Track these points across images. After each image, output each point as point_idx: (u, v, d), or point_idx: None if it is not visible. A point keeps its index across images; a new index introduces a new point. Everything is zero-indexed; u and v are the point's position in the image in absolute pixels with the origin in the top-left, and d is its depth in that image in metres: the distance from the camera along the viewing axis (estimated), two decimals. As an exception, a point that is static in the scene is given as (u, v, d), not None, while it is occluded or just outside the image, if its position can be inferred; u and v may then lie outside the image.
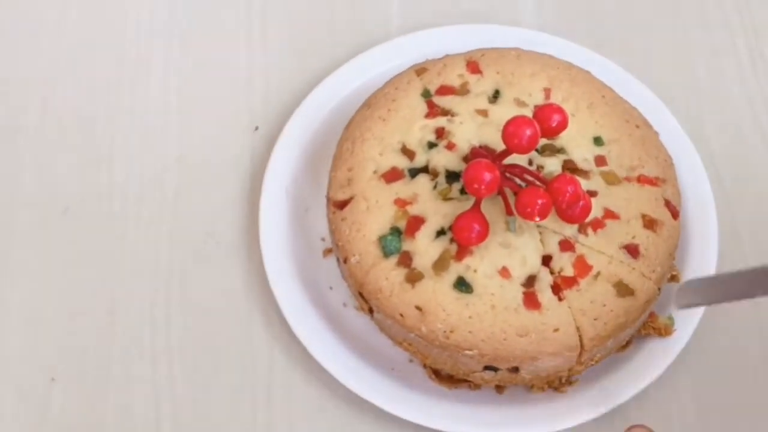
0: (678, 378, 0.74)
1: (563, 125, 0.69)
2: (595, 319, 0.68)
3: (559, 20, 0.91)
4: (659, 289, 0.71)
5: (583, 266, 0.69)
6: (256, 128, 0.84)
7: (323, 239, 0.78)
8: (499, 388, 0.73)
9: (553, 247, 0.69)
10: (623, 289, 0.68)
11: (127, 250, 0.79)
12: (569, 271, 0.69)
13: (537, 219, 0.66)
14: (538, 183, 0.68)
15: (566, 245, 0.69)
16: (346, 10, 0.91)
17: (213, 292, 0.77)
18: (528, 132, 0.66)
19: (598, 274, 0.69)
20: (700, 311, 0.73)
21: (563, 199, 0.66)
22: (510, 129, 0.66)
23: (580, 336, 0.67)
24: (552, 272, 0.69)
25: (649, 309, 0.70)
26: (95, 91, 0.85)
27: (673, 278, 0.74)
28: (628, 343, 0.73)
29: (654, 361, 0.72)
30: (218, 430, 0.72)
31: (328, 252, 0.77)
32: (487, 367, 0.69)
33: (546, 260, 0.69)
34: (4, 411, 0.73)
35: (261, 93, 0.86)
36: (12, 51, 0.87)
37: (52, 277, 0.77)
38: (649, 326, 0.72)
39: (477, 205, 0.68)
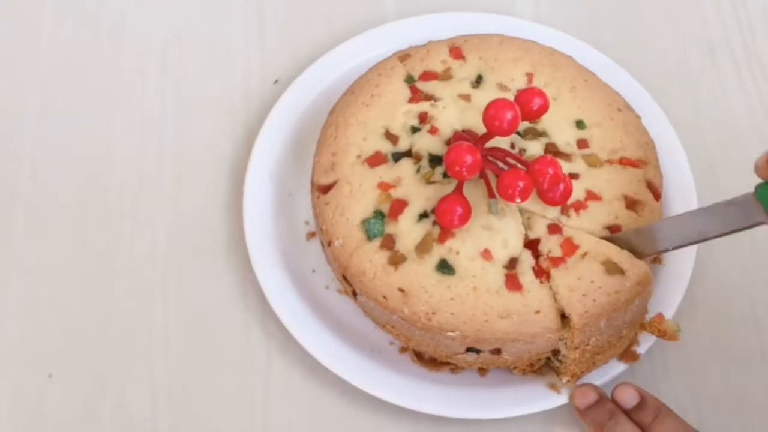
0: (663, 359, 0.75)
1: (544, 108, 0.70)
2: (583, 295, 0.68)
3: (555, 13, 0.91)
4: None
5: (570, 246, 0.69)
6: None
7: (307, 223, 0.78)
8: (482, 371, 0.73)
9: (541, 231, 0.70)
10: (612, 267, 0.68)
11: (124, 247, 0.79)
12: (557, 252, 0.69)
13: (518, 201, 0.67)
14: (519, 165, 0.68)
15: (554, 228, 0.70)
16: (340, 0, 0.91)
17: (209, 287, 0.78)
18: (508, 115, 0.67)
19: (586, 253, 0.69)
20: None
21: (544, 181, 0.67)
22: (490, 112, 0.67)
23: (569, 314, 0.67)
24: (540, 254, 0.69)
25: (643, 293, 0.69)
26: (93, 89, 0.86)
27: (656, 260, 0.75)
28: (633, 342, 0.73)
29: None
30: (215, 423, 0.73)
31: (311, 236, 0.78)
32: (469, 349, 0.69)
33: (534, 244, 0.70)
34: (1, 407, 0.73)
35: (256, 82, 0.86)
36: (10, 52, 0.88)
37: (50, 275, 0.78)
38: (655, 327, 0.71)
39: (459, 188, 0.69)
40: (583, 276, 0.68)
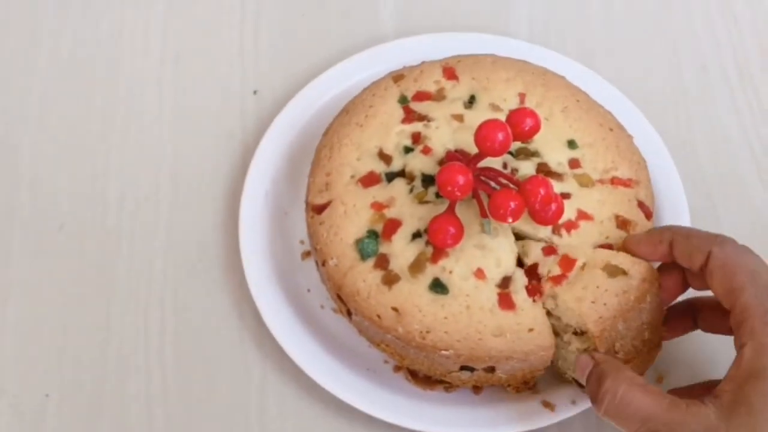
0: (652, 378, 0.75)
1: (536, 129, 0.70)
2: (592, 302, 0.67)
3: (548, 33, 0.92)
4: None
5: (567, 262, 0.70)
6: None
7: (302, 242, 0.79)
8: (476, 389, 0.74)
9: (537, 256, 0.70)
10: (613, 270, 0.69)
11: (122, 266, 0.80)
12: (556, 271, 0.69)
13: (510, 220, 0.67)
14: (511, 185, 0.69)
15: (549, 250, 0.70)
16: (338, 20, 0.92)
17: (205, 305, 0.78)
18: (500, 135, 0.67)
19: (584, 264, 0.69)
20: None
21: (535, 201, 0.67)
22: (482, 132, 0.68)
23: (585, 325, 0.66)
24: (541, 278, 0.69)
25: (652, 290, 0.69)
26: (90, 108, 0.87)
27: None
28: (657, 344, 0.72)
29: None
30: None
31: (306, 255, 0.78)
32: (463, 367, 0.70)
33: (533, 269, 0.70)
34: (-1, 426, 0.74)
35: (252, 104, 0.87)
36: (8, 70, 0.89)
37: (47, 293, 0.79)
38: None
39: (451, 207, 0.69)
40: (587, 285, 0.68)
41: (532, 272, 0.70)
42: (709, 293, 0.66)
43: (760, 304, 0.61)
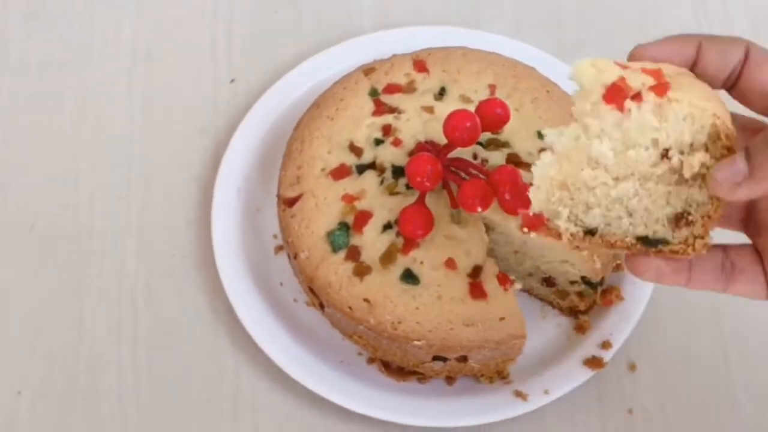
0: (629, 364, 0.76)
1: (505, 119, 0.71)
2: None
3: (520, 24, 0.92)
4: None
5: (653, 72, 0.56)
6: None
7: (275, 236, 0.79)
8: (449, 380, 0.74)
9: (615, 70, 0.52)
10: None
11: (94, 264, 0.80)
12: (650, 81, 0.55)
13: (479, 210, 0.68)
14: (480, 175, 0.69)
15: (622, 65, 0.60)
16: (310, 16, 0.92)
17: (178, 302, 0.78)
18: (468, 125, 0.68)
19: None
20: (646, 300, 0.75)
21: (504, 190, 0.67)
22: (451, 123, 0.68)
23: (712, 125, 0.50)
24: (639, 95, 0.56)
25: None
26: (60, 108, 0.87)
27: (618, 267, 0.76)
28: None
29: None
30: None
31: (279, 249, 0.78)
32: (435, 358, 0.70)
33: (617, 89, 0.54)
34: (-31, 423, 0.73)
35: (224, 101, 0.87)
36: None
37: (19, 292, 0.78)
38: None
39: (421, 198, 0.70)
40: (692, 89, 0.53)
41: (618, 91, 0.51)
42: None
43: None
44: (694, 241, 0.52)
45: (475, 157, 0.73)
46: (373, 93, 0.78)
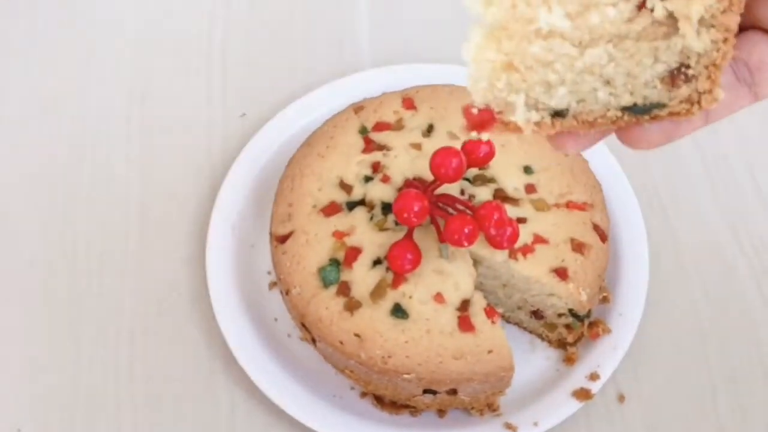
0: (617, 395, 0.77)
1: (491, 155, 0.72)
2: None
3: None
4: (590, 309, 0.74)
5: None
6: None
7: (269, 272, 0.80)
8: (441, 412, 0.75)
9: None
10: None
11: (91, 302, 0.81)
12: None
13: (465, 244, 0.69)
14: (467, 211, 0.71)
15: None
16: (303, 55, 0.95)
17: (173, 338, 0.79)
18: (454, 162, 0.69)
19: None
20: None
21: (490, 225, 0.69)
22: (436, 160, 0.70)
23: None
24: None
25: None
26: (59, 147, 0.89)
27: (605, 299, 0.77)
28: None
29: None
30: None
31: (273, 285, 0.80)
32: (426, 391, 0.71)
33: None
34: (-31, 461, 0.75)
35: (218, 137, 0.89)
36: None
37: (18, 330, 0.80)
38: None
39: (409, 234, 0.71)
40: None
41: None
42: None
43: None
44: (699, 97, 0.42)
45: (462, 192, 0.75)
46: (363, 131, 0.79)
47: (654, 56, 0.41)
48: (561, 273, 0.73)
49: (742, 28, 0.43)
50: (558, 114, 0.42)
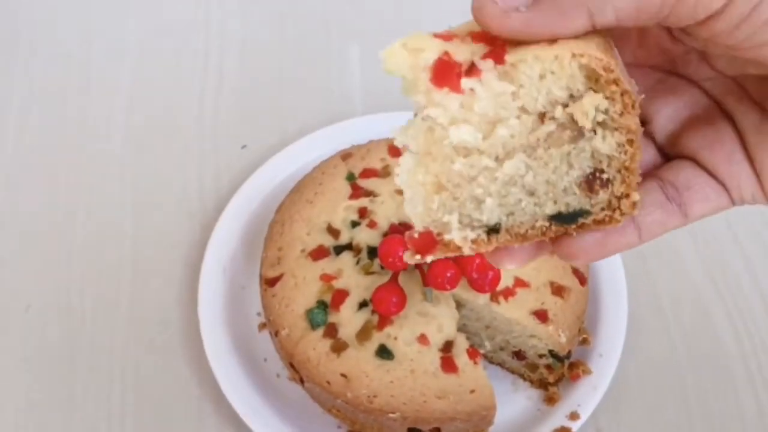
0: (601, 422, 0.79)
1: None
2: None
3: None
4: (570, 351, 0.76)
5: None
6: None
7: (259, 314, 0.82)
8: (425, 451, 0.77)
9: None
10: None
11: (85, 342, 0.83)
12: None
13: (448, 288, 0.71)
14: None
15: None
16: (295, 101, 0.98)
17: (165, 378, 0.81)
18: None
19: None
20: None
21: (471, 270, 0.71)
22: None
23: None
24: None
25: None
26: (55, 192, 0.92)
27: (585, 341, 0.79)
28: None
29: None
30: None
31: (263, 326, 0.82)
32: (410, 430, 0.73)
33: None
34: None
35: (210, 183, 0.92)
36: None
37: (14, 370, 0.82)
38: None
39: (395, 277, 0.74)
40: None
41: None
42: None
43: None
44: (618, 202, 0.44)
45: (446, 237, 0.77)
46: (350, 177, 0.82)
47: (568, 162, 0.43)
48: (541, 315, 0.75)
49: (671, 157, 0.47)
50: (492, 230, 0.44)
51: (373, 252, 0.77)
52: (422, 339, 0.73)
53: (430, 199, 0.43)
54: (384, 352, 0.73)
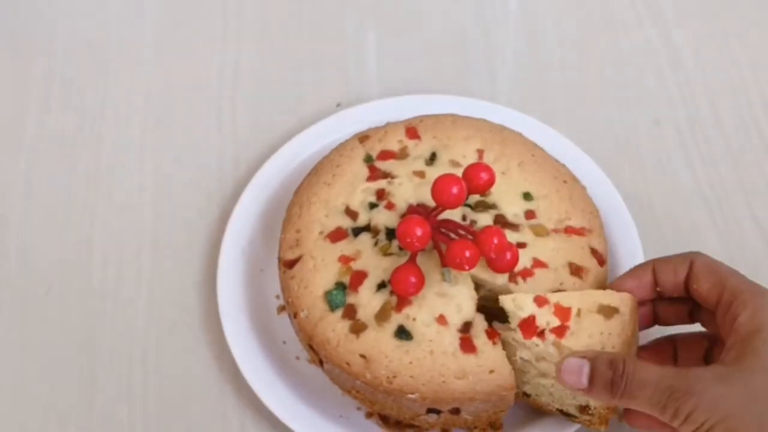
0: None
1: (491, 182, 0.75)
2: (603, 348, 0.70)
3: (511, 91, 0.98)
4: None
5: (562, 311, 0.72)
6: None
7: (278, 297, 0.83)
8: (444, 431, 0.77)
9: (530, 307, 0.72)
10: (608, 311, 0.72)
11: (106, 326, 0.84)
12: (555, 322, 0.72)
13: (466, 268, 0.71)
14: (468, 236, 0.73)
15: (541, 301, 0.72)
16: (312, 84, 0.98)
17: (185, 361, 0.82)
18: (454, 189, 0.72)
19: (579, 311, 0.72)
20: None
21: (490, 250, 0.71)
22: (438, 187, 0.72)
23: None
24: (542, 331, 0.71)
25: (636, 316, 0.72)
26: (75, 176, 0.92)
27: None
28: None
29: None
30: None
31: (282, 309, 0.82)
32: (429, 410, 0.73)
33: (530, 322, 0.71)
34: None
35: (229, 165, 0.93)
36: (-3, 141, 0.95)
37: (35, 354, 0.83)
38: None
39: (413, 258, 0.74)
40: (592, 332, 0.71)
41: (529, 327, 0.71)
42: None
43: (747, 283, 0.67)
44: (598, 422, 0.72)
45: (464, 218, 0.77)
46: (368, 159, 0.82)
47: (573, 395, 0.72)
48: (560, 296, 0.75)
49: (680, 299, 0.73)
50: (525, 394, 0.75)
51: (391, 233, 0.77)
52: (441, 319, 0.73)
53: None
54: (403, 333, 0.73)
